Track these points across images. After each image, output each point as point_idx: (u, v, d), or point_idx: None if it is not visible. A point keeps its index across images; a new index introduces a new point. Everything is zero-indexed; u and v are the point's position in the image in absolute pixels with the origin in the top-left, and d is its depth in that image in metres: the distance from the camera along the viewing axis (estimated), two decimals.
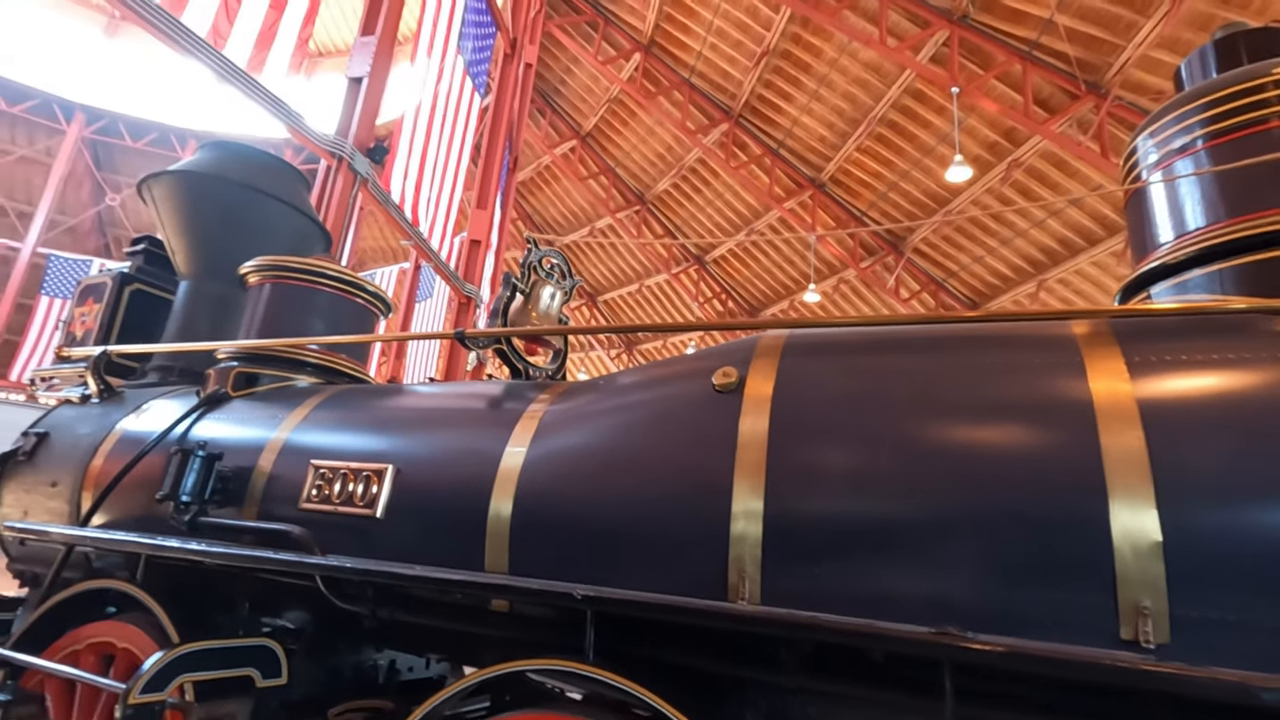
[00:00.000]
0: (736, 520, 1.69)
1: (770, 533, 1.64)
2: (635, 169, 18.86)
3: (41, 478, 2.91)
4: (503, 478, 2.06)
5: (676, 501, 1.82)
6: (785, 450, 1.71)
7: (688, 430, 1.90)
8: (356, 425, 2.45)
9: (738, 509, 1.69)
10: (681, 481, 1.83)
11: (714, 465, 1.77)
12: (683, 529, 1.78)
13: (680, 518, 1.80)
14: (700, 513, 1.76)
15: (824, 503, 1.65)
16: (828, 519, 1.62)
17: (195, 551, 2.06)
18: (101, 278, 3.69)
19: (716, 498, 1.73)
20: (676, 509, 1.81)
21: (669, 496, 1.83)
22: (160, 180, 3.49)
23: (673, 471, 1.86)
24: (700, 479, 1.80)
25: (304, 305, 3.07)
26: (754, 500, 1.69)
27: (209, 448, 2.38)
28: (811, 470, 1.66)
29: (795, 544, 1.62)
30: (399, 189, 7.21)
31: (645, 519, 1.85)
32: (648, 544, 1.83)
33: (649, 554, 1.82)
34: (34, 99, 21.05)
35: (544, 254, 2.76)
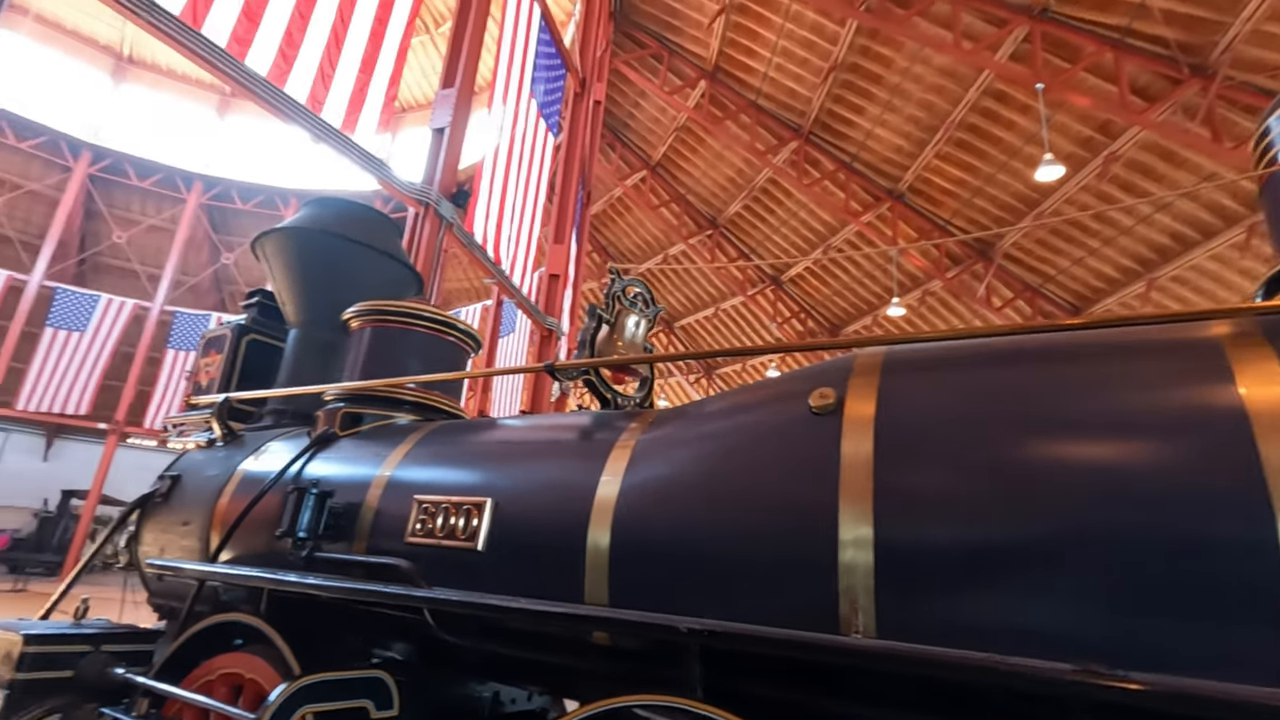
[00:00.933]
0: (844, 549, 1.61)
1: (883, 561, 1.55)
2: (706, 194, 18.93)
3: (175, 517, 3.14)
4: (599, 509, 2.06)
5: (777, 529, 1.76)
6: (893, 473, 1.63)
7: (786, 455, 1.84)
8: (455, 460, 2.52)
9: (845, 536, 1.61)
10: (781, 508, 1.77)
11: (816, 491, 1.71)
12: (785, 558, 1.72)
13: (782, 546, 1.73)
14: (804, 541, 1.69)
15: (940, 528, 1.54)
16: (945, 546, 1.52)
17: (312, 586, 2.16)
18: (222, 330, 4.00)
19: (820, 525, 1.66)
20: (777, 537, 1.75)
21: (769, 524, 1.78)
22: (270, 238, 3.77)
23: (772, 498, 1.81)
24: (801, 505, 1.73)
25: (401, 346, 3.22)
26: (862, 527, 1.61)
27: (321, 486, 2.50)
28: (925, 494, 1.57)
29: (911, 573, 1.53)
30: (481, 230, 7.51)
31: (744, 548, 1.80)
32: (748, 574, 1.77)
33: (750, 584, 1.76)
34: (160, 173, 23.37)
35: (627, 283, 2.78)
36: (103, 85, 24.18)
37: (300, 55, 5.49)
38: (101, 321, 20.42)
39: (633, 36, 16.42)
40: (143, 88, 24.92)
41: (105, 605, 3.49)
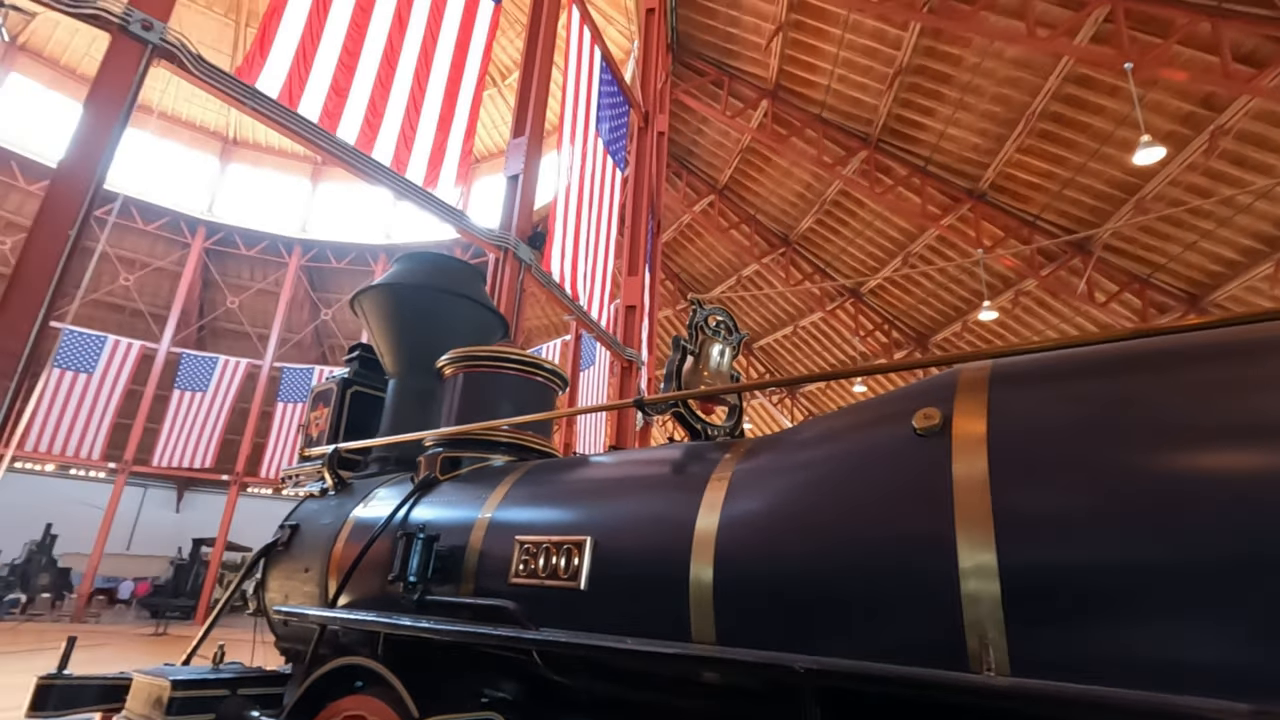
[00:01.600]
0: (967, 579, 1.51)
1: (1011, 591, 1.45)
2: (775, 212, 18.77)
3: (296, 565, 3.33)
4: (699, 543, 2.03)
5: (888, 560, 1.67)
6: (1014, 495, 1.52)
7: (892, 481, 1.76)
8: (553, 499, 2.55)
9: (966, 565, 1.51)
10: (892, 538, 1.69)
11: (929, 517, 1.62)
12: (899, 590, 1.63)
13: (895, 578, 1.65)
14: (919, 571, 1.60)
15: (1075, 552, 1.43)
16: (1082, 570, 1.40)
17: (425, 629, 2.23)
18: (328, 385, 4.26)
19: (937, 553, 1.57)
20: (889, 568, 1.67)
21: (879, 555, 1.70)
22: (366, 295, 4.00)
23: (881, 527, 1.73)
24: (914, 533, 1.65)
25: (491, 389, 3.32)
26: (983, 554, 1.51)
27: (427, 530, 2.59)
28: (1055, 515, 1.46)
29: (1045, 603, 1.41)
30: (558, 268, 7.71)
31: (854, 581, 1.72)
32: (861, 608, 1.69)
33: (864, 619, 1.68)
34: (264, 241, 25.38)
35: (709, 313, 2.78)
36: (212, 166, 26.64)
37: (384, 122, 5.88)
38: (220, 381, 22.20)
39: (691, 66, 16.64)
40: (246, 165, 27.30)
41: (237, 647, 3.72)
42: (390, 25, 5.85)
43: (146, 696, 2.93)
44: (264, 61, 4.90)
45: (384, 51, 5.80)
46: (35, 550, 22.12)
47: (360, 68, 5.66)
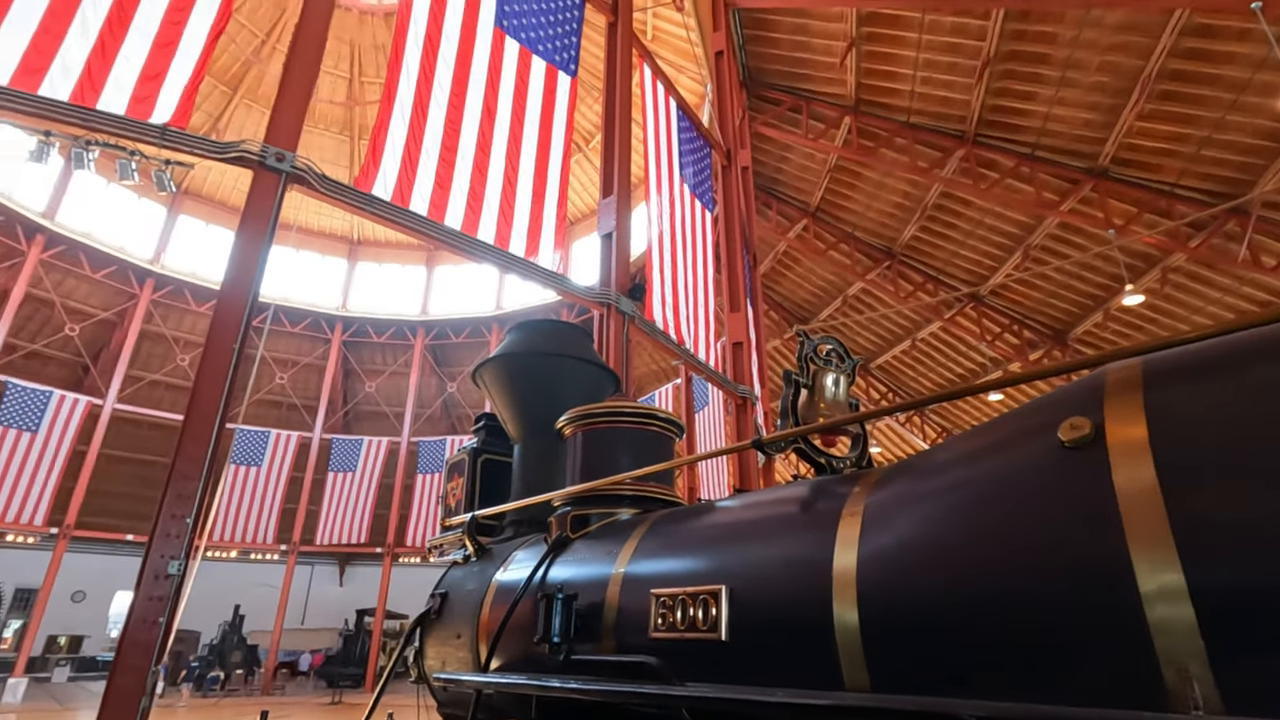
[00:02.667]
0: (1152, 604, 1.35)
1: (1207, 615, 1.28)
2: (874, 226, 18.19)
3: (448, 632, 3.50)
4: (839, 584, 1.95)
5: (1052, 588, 1.53)
6: (1192, 505, 1.36)
7: (1043, 500, 1.62)
8: (683, 549, 2.54)
9: (1149, 588, 1.35)
10: (1053, 564, 1.55)
11: (1093, 537, 1.47)
12: (1070, 622, 1.48)
13: (1063, 608, 1.50)
14: (1091, 599, 1.45)
15: (1273, 565, 1.25)
16: None
17: (575, 690, 2.26)
18: (460, 456, 4.52)
19: (1110, 577, 1.42)
20: (1054, 597, 1.52)
21: (1039, 584, 1.55)
22: (486, 367, 4.24)
23: (1035, 553, 1.58)
24: (1078, 557, 1.50)
25: (610, 444, 3.39)
26: (1167, 573, 1.35)
27: (565, 589, 2.65)
28: (1244, 526, 1.29)
29: (1250, 625, 1.24)
30: (660, 315, 7.84)
31: (1015, 615, 1.58)
32: (1028, 646, 1.55)
33: (1034, 658, 1.53)
34: (391, 328, 27.59)
35: (817, 342, 2.72)
36: (341, 268, 29.53)
37: (484, 205, 6.32)
38: (366, 460, 24.07)
39: (766, 97, 16.72)
40: (370, 262, 30.07)
41: (404, 713, 3.92)
42: (480, 116, 6.33)
43: None
44: (377, 170, 5.44)
45: (477, 141, 6.28)
46: (228, 630, 24.57)
47: (459, 159, 6.14)
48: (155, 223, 25.67)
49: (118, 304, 24.23)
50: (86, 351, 23.95)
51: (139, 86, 4.84)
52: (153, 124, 4.70)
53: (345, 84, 26.03)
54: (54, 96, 4.49)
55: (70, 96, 4.57)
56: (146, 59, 5.10)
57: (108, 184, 24.43)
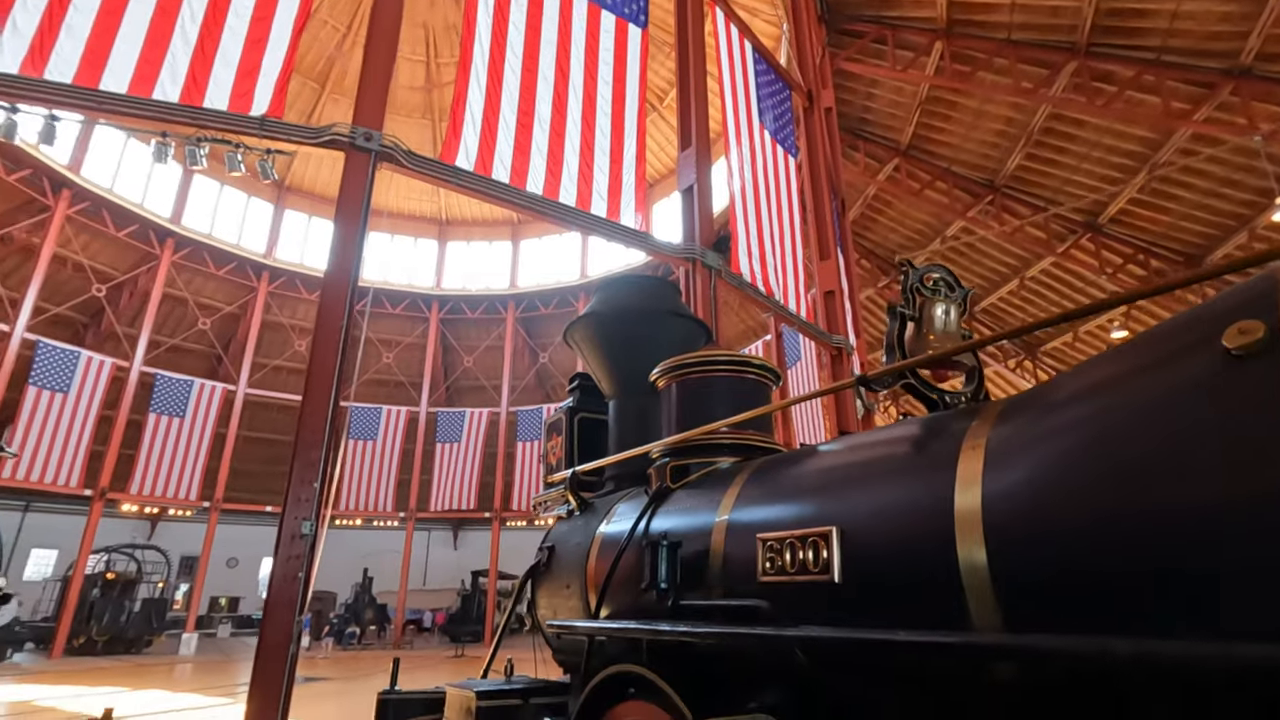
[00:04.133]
0: None
1: None
2: (973, 159, 16.93)
3: (558, 583, 3.60)
4: (963, 522, 1.82)
5: (1231, 518, 1.35)
6: None
7: (1210, 419, 1.42)
8: (788, 493, 2.47)
9: None
10: (1223, 492, 1.36)
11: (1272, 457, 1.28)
12: (1250, 555, 1.30)
13: (1242, 539, 1.32)
14: (1269, 529, 1.27)
15: None
16: None
17: (684, 633, 2.26)
18: (557, 416, 4.60)
19: None
20: (1233, 529, 1.34)
21: (1210, 514, 1.37)
22: (577, 326, 4.27)
23: (1204, 479, 1.40)
24: (1259, 481, 1.31)
25: (705, 393, 3.34)
26: None
27: (669, 537, 2.65)
28: None
29: None
30: (747, 268, 7.64)
31: (1181, 550, 1.41)
32: (1195, 582, 1.38)
33: (1202, 595, 1.37)
34: (484, 303, 28.54)
35: (924, 271, 2.53)
36: (433, 249, 30.69)
37: (564, 168, 6.31)
38: (470, 431, 25.25)
39: (848, 30, 15.74)
40: (460, 241, 31.07)
41: (522, 664, 4.10)
42: (554, 78, 6.29)
43: (459, 706, 3.34)
44: (458, 141, 5.53)
45: (552, 103, 6.25)
46: (360, 591, 26.75)
47: (536, 124, 6.15)
48: (264, 220, 27.57)
49: (240, 297, 26.33)
50: (218, 343, 26.26)
51: (237, 83, 5.12)
52: (252, 116, 4.99)
53: (423, 68, 26.70)
54: (166, 99, 4.85)
55: (180, 98, 4.91)
56: (241, 56, 5.38)
57: (221, 187, 26.40)
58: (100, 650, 20.09)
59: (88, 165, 21.64)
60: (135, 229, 22.74)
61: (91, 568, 21.47)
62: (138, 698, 11.99)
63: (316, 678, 15.09)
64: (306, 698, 11.96)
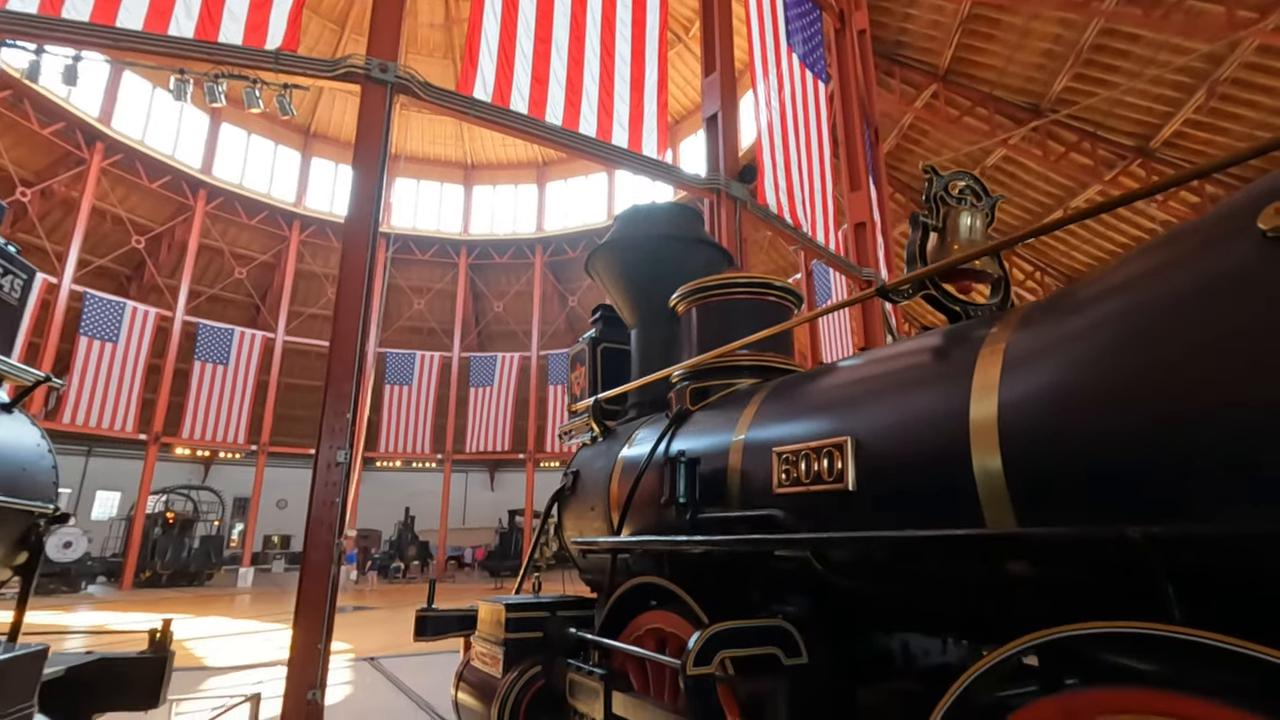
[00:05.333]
0: None
1: None
2: (1018, 82, 16.05)
3: (583, 505, 3.70)
4: (978, 430, 1.79)
5: (1251, 407, 1.30)
6: None
7: (1238, 310, 1.36)
8: (805, 409, 2.47)
9: None
10: (1257, 377, 1.31)
11: None
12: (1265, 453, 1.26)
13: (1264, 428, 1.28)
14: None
15: None
16: None
17: (701, 542, 2.31)
18: (580, 346, 4.63)
19: None
20: (1255, 415, 1.30)
21: (1236, 403, 1.33)
22: (598, 255, 4.24)
23: (1232, 370, 1.35)
24: None
25: (726, 317, 3.31)
26: None
27: (687, 455, 2.68)
28: None
29: None
30: (774, 199, 7.45)
31: (1208, 439, 1.37)
32: (1219, 472, 1.35)
33: (1224, 484, 1.34)
34: (511, 248, 28.49)
35: (949, 179, 2.43)
36: (459, 195, 30.54)
37: (583, 97, 6.16)
38: (501, 375, 25.64)
39: None
40: (486, 186, 30.85)
41: (551, 586, 4.26)
42: (572, 2, 6.07)
43: (491, 619, 3.50)
44: (475, 71, 5.41)
45: (570, 29, 6.06)
46: (403, 529, 27.90)
47: (554, 52, 5.98)
48: (293, 168, 27.65)
49: (273, 246, 26.73)
50: (255, 292, 26.84)
51: (250, 15, 5.06)
52: (267, 50, 4.94)
53: (442, 4, 26.03)
54: (181, 35, 4.82)
55: (194, 33, 4.88)
56: None
57: (248, 136, 26.47)
58: (165, 583, 21.50)
59: (117, 117, 21.86)
60: (168, 180, 23.05)
61: (151, 508, 22.75)
62: (201, 623, 12.84)
63: (365, 607, 15.94)
64: (355, 624, 12.67)
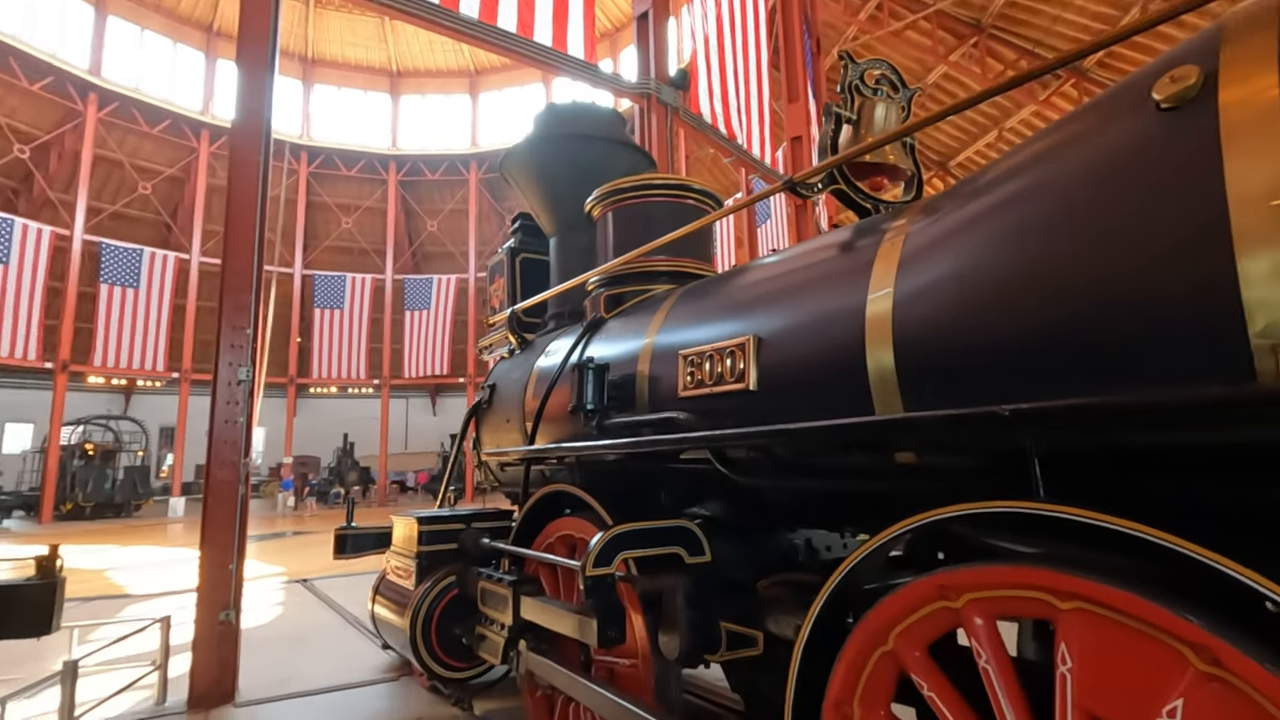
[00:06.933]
0: (1252, 285, 1.10)
1: None
2: None
3: (499, 418, 3.61)
4: (873, 326, 1.76)
5: (1132, 292, 1.28)
6: None
7: (1122, 190, 1.32)
8: (712, 311, 2.40)
9: (1253, 268, 1.10)
10: (1131, 257, 1.29)
11: (1181, 218, 1.20)
12: (1151, 322, 1.25)
13: (1137, 313, 1.26)
14: (1172, 296, 1.21)
15: None
16: None
17: (601, 447, 2.26)
18: (499, 256, 4.42)
19: (1200, 266, 1.16)
20: (1133, 304, 1.28)
21: (1115, 293, 1.30)
22: (512, 158, 3.99)
23: (1113, 255, 1.32)
24: (1164, 244, 1.23)
25: (643, 220, 3.18)
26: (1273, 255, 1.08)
27: (595, 362, 2.60)
28: None
29: None
30: (708, 109, 7.19)
31: (1082, 331, 1.35)
32: (1090, 358, 1.34)
33: (1098, 370, 1.33)
34: (444, 163, 27.09)
35: (864, 67, 2.31)
36: (386, 104, 28.58)
37: None
38: (438, 297, 24.88)
39: None
40: (414, 95, 28.92)
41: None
42: None
43: (404, 534, 3.44)
44: None
45: None
46: (342, 455, 27.51)
47: None
48: (197, 72, 25.16)
49: (181, 159, 24.62)
50: (164, 209, 24.88)
51: None
52: None
53: None
54: None
55: None
56: None
57: (142, 31, 23.84)
58: (89, 515, 20.74)
59: None
60: (51, 81, 20.68)
61: (68, 439, 21.63)
62: (128, 552, 12.50)
63: (303, 531, 15.83)
64: (291, 548, 12.58)
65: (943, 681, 1.40)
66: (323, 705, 3.74)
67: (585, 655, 2.53)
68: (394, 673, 4.26)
